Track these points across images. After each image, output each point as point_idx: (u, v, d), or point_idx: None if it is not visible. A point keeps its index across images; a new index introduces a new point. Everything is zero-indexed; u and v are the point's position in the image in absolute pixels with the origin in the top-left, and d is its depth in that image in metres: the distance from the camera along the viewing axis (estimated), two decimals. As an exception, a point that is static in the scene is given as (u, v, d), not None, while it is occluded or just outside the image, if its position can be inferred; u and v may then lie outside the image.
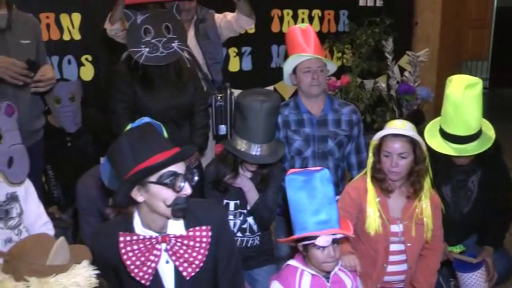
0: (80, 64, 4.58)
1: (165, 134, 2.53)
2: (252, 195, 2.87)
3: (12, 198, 2.47)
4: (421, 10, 6.45)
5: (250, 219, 2.94)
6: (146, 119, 2.45)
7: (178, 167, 1.97)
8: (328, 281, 2.37)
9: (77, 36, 4.54)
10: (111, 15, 3.55)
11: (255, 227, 2.96)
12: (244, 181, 2.88)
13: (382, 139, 2.76)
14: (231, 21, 3.95)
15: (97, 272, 1.83)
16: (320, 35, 3.40)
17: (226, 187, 2.88)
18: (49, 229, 2.62)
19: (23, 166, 2.39)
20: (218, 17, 4.02)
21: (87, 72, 4.60)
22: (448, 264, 3.22)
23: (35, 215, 2.58)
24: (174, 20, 3.21)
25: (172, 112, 3.27)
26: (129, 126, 2.32)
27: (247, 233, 2.94)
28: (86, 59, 4.60)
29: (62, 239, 1.83)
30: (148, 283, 2.04)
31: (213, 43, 3.96)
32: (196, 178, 2.02)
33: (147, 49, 3.08)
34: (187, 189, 1.97)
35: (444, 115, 2.89)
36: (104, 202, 2.83)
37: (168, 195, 1.95)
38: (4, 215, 2.42)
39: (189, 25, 3.88)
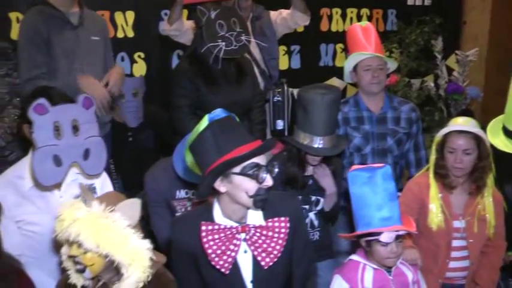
0: (132, 61, 4.66)
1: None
2: (330, 183, 2.92)
3: (90, 189, 2.51)
4: (469, 9, 6.38)
5: (311, 215, 2.98)
6: (219, 112, 2.49)
7: (260, 159, 2.03)
8: (390, 275, 2.41)
9: (130, 34, 4.62)
10: (169, 16, 3.67)
11: (315, 222, 2.99)
12: (322, 170, 2.92)
13: (446, 136, 2.79)
14: (286, 18, 4.03)
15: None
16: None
17: (304, 183, 2.91)
18: None
19: (100, 159, 2.43)
20: (273, 14, 4.11)
21: (140, 69, 4.67)
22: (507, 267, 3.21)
23: None
24: (238, 16, 3.38)
25: (233, 108, 3.29)
26: (206, 120, 2.37)
27: (308, 228, 2.97)
28: (139, 56, 4.67)
29: (136, 200, 1.95)
30: (227, 272, 2.09)
31: (269, 39, 4.04)
32: (276, 170, 2.08)
33: (224, 43, 3.20)
34: (268, 181, 2.02)
35: (508, 113, 2.88)
36: (171, 194, 2.89)
37: (251, 186, 2.01)
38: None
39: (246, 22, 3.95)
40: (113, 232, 1.82)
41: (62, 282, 2.02)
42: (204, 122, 2.37)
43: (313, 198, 2.97)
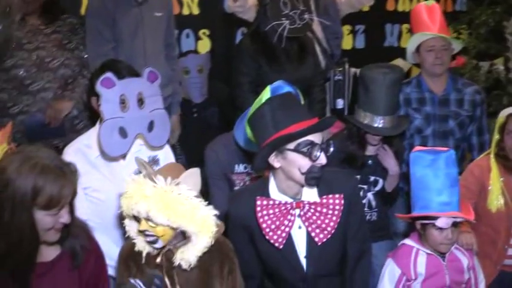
0: (197, 38, 4.72)
1: (302, 101, 2.60)
2: (393, 164, 2.90)
3: (154, 161, 2.62)
4: (546, -11, 6.12)
5: (369, 195, 2.97)
6: (281, 83, 2.53)
7: (316, 137, 2.04)
8: (443, 260, 2.39)
9: (196, 11, 4.68)
10: None
11: (373, 203, 2.99)
12: (385, 151, 2.91)
13: (508, 117, 2.72)
14: None
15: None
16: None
17: (363, 163, 2.91)
18: None
19: (163, 131, 2.51)
20: None
21: (204, 46, 4.72)
22: None
23: None
24: None
25: (294, 85, 3.36)
26: (268, 91, 2.41)
27: (366, 208, 2.96)
28: (204, 33, 4.73)
29: (195, 170, 1.98)
30: (281, 246, 2.14)
31: (333, 18, 4.02)
32: (331, 149, 2.09)
33: (288, 21, 3.23)
34: (322, 159, 2.04)
35: None
36: (230, 168, 2.97)
37: (304, 163, 2.03)
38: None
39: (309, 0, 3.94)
40: (182, 204, 1.86)
41: (127, 249, 2.10)
42: (266, 93, 2.43)
43: (372, 178, 2.97)
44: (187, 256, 1.95)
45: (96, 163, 2.51)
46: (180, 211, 1.86)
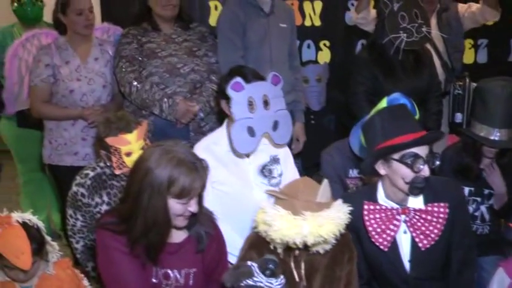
0: (318, 48, 4.85)
1: (417, 113, 2.67)
2: (499, 183, 2.89)
3: (275, 160, 2.83)
4: None
5: (483, 208, 2.95)
6: (398, 96, 2.62)
7: (421, 150, 2.15)
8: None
9: (317, 23, 4.79)
10: (357, 5, 3.83)
11: (486, 216, 2.96)
12: (491, 169, 2.90)
13: None
14: (475, 12, 3.99)
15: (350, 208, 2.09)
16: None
17: (478, 175, 2.90)
18: None
19: (287, 130, 2.70)
20: (462, 7, 4.10)
21: (324, 56, 4.84)
22: None
23: (291, 176, 2.89)
24: (420, 7, 3.45)
25: (410, 97, 3.42)
26: (384, 102, 2.52)
27: (478, 221, 2.96)
28: (324, 44, 4.85)
29: (326, 181, 2.10)
30: (386, 249, 2.24)
31: (455, 32, 4.04)
32: (437, 162, 2.17)
33: (405, 34, 3.32)
34: (426, 171, 2.14)
35: None
36: (345, 172, 3.08)
37: (407, 173, 2.15)
38: (268, 173, 2.79)
39: (432, 14, 3.98)
40: (331, 223, 2.01)
41: (252, 238, 2.29)
42: (383, 104, 2.55)
43: (486, 191, 2.94)
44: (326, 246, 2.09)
45: (223, 159, 2.73)
46: (331, 228, 2.00)
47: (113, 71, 3.49)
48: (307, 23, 4.78)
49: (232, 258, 2.52)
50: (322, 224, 1.96)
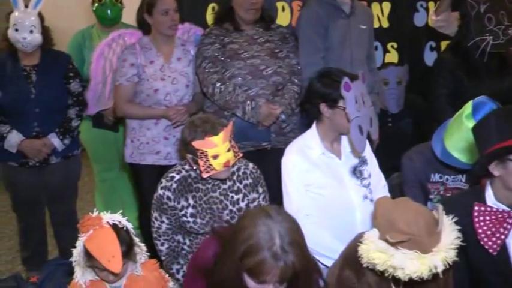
0: (385, 50, 4.82)
1: None
2: None
3: (363, 161, 2.85)
4: None
5: None
6: (483, 99, 2.59)
7: None
8: None
9: (385, 24, 4.77)
10: (437, 7, 3.79)
11: None
12: None
13: None
14: None
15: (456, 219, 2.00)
16: None
17: None
18: (386, 191, 2.95)
19: (376, 125, 2.76)
20: None
21: (392, 58, 4.79)
22: None
23: (377, 177, 2.93)
24: (507, 8, 3.40)
25: (494, 100, 3.37)
26: (470, 106, 2.50)
27: None
28: (392, 46, 4.82)
29: (441, 207, 1.97)
30: (495, 253, 2.19)
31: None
32: None
33: (491, 37, 3.27)
34: None
35: None
36: (426, 176, 3.04)
37: None
38: (359, 175, 2.80)
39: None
40: (452, 246, 1.92)
41: (347, 256, 2.19)
42: (468, 108, 2.52)
43: None
44: None
45: (317, 162, 2.73)
46: (453, 253, 1.92)
47: (195, 71, 3.52)
48: (375, 24, 4.72)
49: (329, 261, 2.52)
50: (447, 251, 1.90)
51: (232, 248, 1.90)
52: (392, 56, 4.80)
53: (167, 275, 2.56)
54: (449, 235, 1.93)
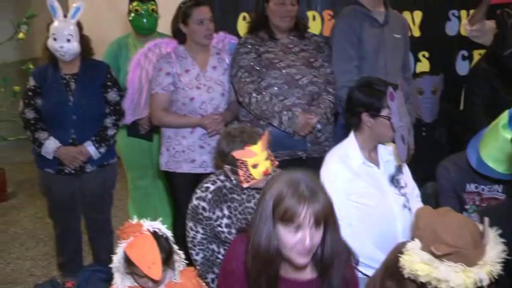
0: (416, 59, 4.81)
1: None
2: None
3: (399, 170, 2.86)
4: None
5: None
6: None
7: None
8: None
9: (417, 33, 4.76)
10: (472, 16, 3.79)
11: None
12: None
13: None
14: None
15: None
16: None
17: None
18: (420, 201, 2.96)
19: (412, 134, 2.76)
20: None
21: (423, 68, 4.78)
22: None
23: (411, 186, 2.93)
24: None
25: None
26: (506, 115, 2.50)
27: None
28: (423, 55, 4.81)
29: (487, 220, 1.96)
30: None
31: None
32: None
33: None
34: None
35: None
36: (461, 186, 3.03)
37: None
38: (397, 183, 2.81)
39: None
40: (498, 259, 1.92)
41: (388, 266, 2.16)
42: (504, 118, 2.51)
43: None
44: None
45: (358, 172, 2.74)
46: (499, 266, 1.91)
47: (230, 80, 3.54)
48: (407, 33, 4.74)
49: (370, 271, 2.52)
50: (493, 265, 1.89)
51: (262, 207, 1.94)
52: (424, 65, 4.78)
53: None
54: (495, 248, 1.91)
